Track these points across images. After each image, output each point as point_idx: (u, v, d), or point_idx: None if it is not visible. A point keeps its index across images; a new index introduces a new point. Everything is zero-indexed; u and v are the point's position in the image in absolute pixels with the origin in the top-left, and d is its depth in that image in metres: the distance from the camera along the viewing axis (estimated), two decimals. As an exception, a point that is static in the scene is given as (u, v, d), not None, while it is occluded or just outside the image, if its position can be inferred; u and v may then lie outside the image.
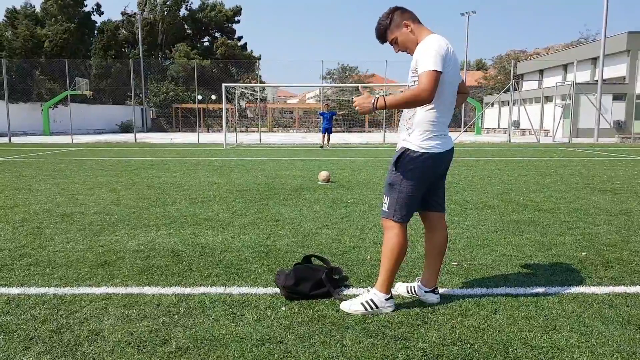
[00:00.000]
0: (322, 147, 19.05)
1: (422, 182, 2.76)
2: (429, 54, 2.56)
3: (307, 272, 3.04)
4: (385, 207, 2.83)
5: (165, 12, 48.64)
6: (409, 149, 2.73)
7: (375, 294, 2.78)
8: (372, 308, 2.75)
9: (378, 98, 2.65)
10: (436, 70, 2.53)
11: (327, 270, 3.08)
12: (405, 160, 2.73)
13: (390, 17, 2.80)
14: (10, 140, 24.26)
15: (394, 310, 2.77)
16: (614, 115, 30.29)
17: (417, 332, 2.50)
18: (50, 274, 3.39)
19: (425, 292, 2.94)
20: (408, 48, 2.79)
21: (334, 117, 19.53)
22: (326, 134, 19.02)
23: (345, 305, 2.80)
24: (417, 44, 2.71)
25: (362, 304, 2.76)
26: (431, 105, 2.68)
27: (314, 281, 2.97)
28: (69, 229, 4.76)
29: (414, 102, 2.59)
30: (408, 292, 3.05)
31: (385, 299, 2.78)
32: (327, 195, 6.92)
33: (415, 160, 2.71)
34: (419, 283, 2.99)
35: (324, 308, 2.81)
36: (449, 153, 2.81)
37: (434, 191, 2.89)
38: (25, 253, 3.91)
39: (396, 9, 2.82)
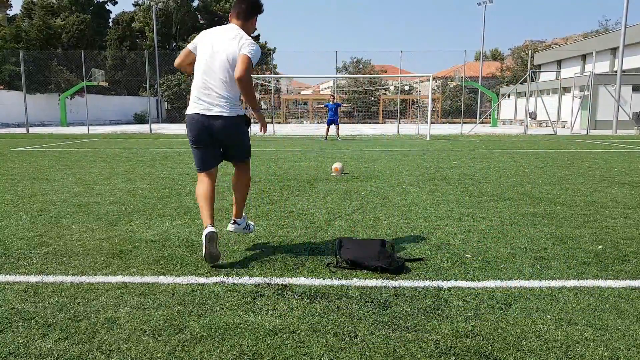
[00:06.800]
0: (325, 139, 18.85)
1: (191, 138, 3.47)
2: None
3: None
4: None
5: (179, 2, 48.65)
6: None
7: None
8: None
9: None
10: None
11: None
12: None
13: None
14: (27, 130, 24.62)
15: (408, 302, 2.77)
16: (633, 107, 29.69)
17: (430, 324, 2.50)
18: (67, 263, 3.45)
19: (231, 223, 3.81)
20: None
21: (339, 108, 19.33)
22: (332, 126, 18.79)
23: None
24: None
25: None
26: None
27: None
28: (85, 219, 4.83)
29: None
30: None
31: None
32: (340, 186, 6.92)
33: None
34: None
35: (337, 299, 2.83)
36: (198, 116, 3.39)
37: (226, 149, 3.61)
38: (43, 242, 3.98)
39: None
